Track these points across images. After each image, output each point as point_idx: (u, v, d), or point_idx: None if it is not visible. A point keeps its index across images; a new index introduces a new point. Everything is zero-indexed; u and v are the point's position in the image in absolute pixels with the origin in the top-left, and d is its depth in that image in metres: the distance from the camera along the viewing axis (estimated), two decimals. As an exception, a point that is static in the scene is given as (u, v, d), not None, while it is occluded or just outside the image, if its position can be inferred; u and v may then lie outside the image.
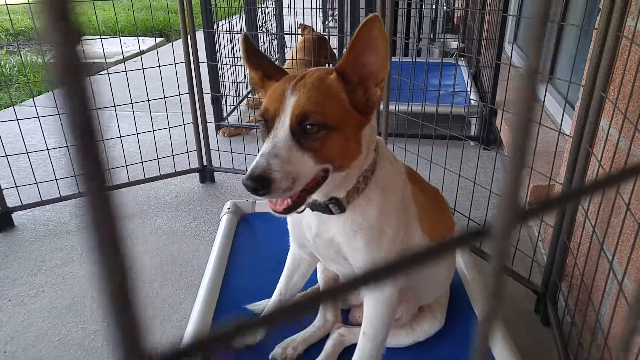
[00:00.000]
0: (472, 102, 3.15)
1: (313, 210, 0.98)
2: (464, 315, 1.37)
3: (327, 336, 1.29)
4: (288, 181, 0.81)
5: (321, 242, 1.02)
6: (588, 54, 1.50)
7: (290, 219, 1.09)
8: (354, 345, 1.12)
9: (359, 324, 1.10)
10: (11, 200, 2.21)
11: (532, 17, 0.19)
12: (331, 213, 0.96)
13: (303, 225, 1.04)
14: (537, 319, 1.64)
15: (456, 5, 5.37)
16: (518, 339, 1.33)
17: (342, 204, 0.95)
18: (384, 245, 0.98)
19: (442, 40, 4.74)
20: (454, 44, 4.77)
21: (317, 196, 0.94)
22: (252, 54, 0.96)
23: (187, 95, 2.44)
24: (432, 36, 4.87)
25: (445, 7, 5.65)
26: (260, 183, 0.79)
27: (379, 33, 0.81)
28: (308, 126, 0.83)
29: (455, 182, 2.11)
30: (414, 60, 2.95)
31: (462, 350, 1.26)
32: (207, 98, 2.67)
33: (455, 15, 6.09)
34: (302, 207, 0.99)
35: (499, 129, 2.85)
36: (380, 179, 0.98)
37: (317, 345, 1.27)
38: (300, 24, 3.45)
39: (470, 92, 3.18)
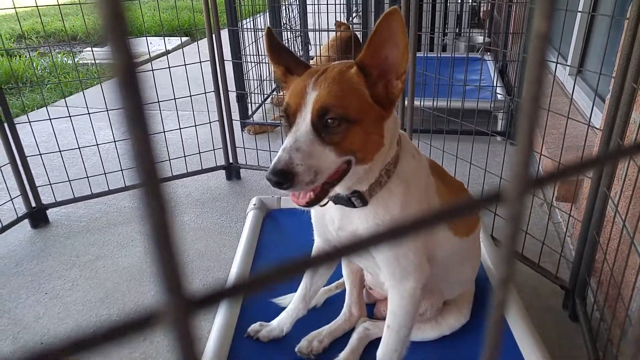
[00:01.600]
0: (499, 96, 3.10)
1: (336, 204, 1.00)
2: (489, 306, 1.36)
3: (352, 330, 1.30)
4: (310, 174, 0.82)
5: (344, 235, 1.03)
6: (619, 45, 1.46)
7: (314, 212, 1.11)
8: (379, 339, 1.13)
9: (384, 318, 1.11)
10: (46, 198, 2.30)
11: (562, 9, 0.20)
12: (354, 206, 0.97)
13: (326, 219, 1.06)
14: (564, 315, 1.61)
15: (482, -1, 5.28)
16: (546, 335, 1.31)
17: (365, 197, 0.96)
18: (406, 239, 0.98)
19: (467, 34, 4.67)
20: (479, 39, 4.70)
21: (340, 189, 0.95)
22: (276, 48, 0.98)
23: (213, 93, 2.48)
24: (457, 31, 4.80)
25: (471, 1, 5.57)
26: (283, 177, 0.80)
27: (399, 26, 0.81)
28: (329, 120, 0.84)
29: (482, 178, 2.09)
30: (439, 55, 2.92)
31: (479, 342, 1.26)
32: (233, 96, 2.71)
33: (482, 10, 5.99)
34: (325, 201, 1.01)
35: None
36: (403, 173, 0.98)
37: (342, 339, 1.28)
38: (337, 20, 3.46)
39: (496, 86, 3.13)
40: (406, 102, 2.21)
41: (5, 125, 2.07)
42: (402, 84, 0.88)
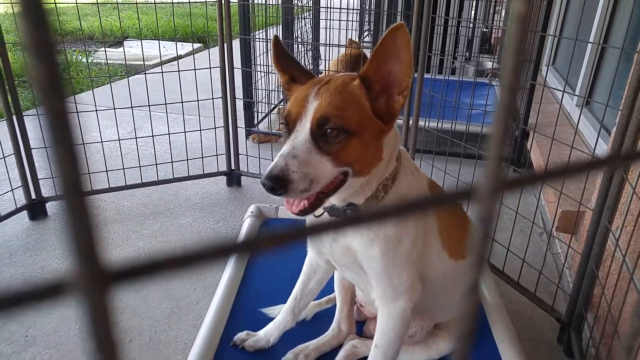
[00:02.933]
0: (505, 122, 3.10)
1: (330, 216, 0.99)
2: (482, 337, 1.33)
3: (340, 347, 1.28)
4: (305, 182, 0.82)
5: (338, 248, 1.02)
6: (629, 77, 1.46)
7: (308, 222, 1.10)
8: (365, 358, 1.11)
9: (373, 337, 1.09)
10: (47, 191, 2.31)
11: (572, 38, 0.20)
12: None
13: None
14: (559, 349, 1.58)
15: (495, 24, 5.32)
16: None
17: (360, 211, 0.95)
18: (400, 257, 0.97)
19: (477, 59, 4.70)
20: (489, 64, 4.72)
21: (336, 201, 0.95)
22: (282, 56, 0.99)
23: (220, 100, 2.49)
24: (467, 55, 4.83)
25: (484, 28, 5.61)
26: (277, 183, 0.80)
27: (404, 42, 0.81)
28: (328, 130, 0.84)
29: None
30: (447, 77, 2.93)
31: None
32: (240, 105, 2.72)
33: (493, 36, 6.03)
34: (320, 211, 1.00)
35: (529, 150, 2.79)
36: (401, 189, 0.97)
37: (329, 355, 1.26)
38: (349, 38, 3.49)
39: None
40: (410, 122, 2.21)
41: (14, 117, 2.09)
42: (403, 99, 0.88)
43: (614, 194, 1.32)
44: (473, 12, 5.00)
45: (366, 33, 6.23)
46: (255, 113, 3.29)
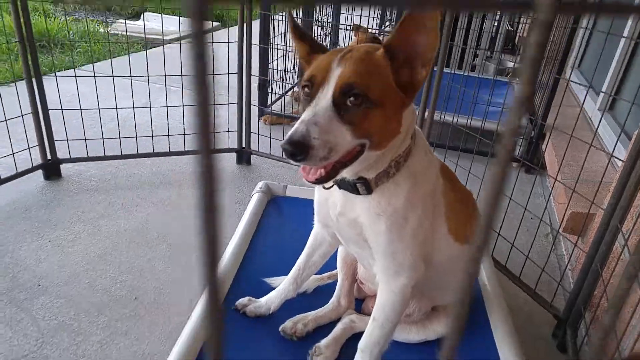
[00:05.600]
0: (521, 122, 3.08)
1: (340, 189, 1.00)
2: (479, 323, 1.35)
3: (338, 320, 1.30)
4: (325, 150, 0.82)
5: (344, 221, 1.03)
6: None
7: (317, 196, 1.11)
8: (362, 333, 1.12)
9: (371, 314, 1.11)
10: (61, 153, 2.35)
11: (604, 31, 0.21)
12: (358, 193, 0.97)
13: (329, 203, 1.06)
14: (553, 345, 1.59)
15: (521, 22, 5.24)
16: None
17: (370, 186, 0.96)
18: (406, 234, 0.98)
19: (498, 57, 4.65)
20: (510, 64, 4.67)
21: (347, 174, 0.96)
22: (298, 28, 0.99)
23: (236, 78, 2.51)
24: (489, 53, 4.78)
25: (509, 26, 5.53)
26: (298, 148, 0.80)
27: (432, 14, 0.81)
28: (351, 98, 0.84)
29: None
30: (467, 73, 2.91)
31: (471, 358, 1.25)
32: (254, 85, 2.74)
33: (518, 35, 5.95)
34: (330, 184, 1.01)
35: (544, 151, 2.77)
36: (412, 167, 0.98)
37: (327, 327, 1.28)
38: (354, 24, 3.47)
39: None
40: (426, 114, 2.21)
41: (33, 79, 2.13)
42: (426, 72, 0.88)
43: (628, 195, 1.32)
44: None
45: (387, 24, 6.18)
46: (270, 94, 3.30)
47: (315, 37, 3.72)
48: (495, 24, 4.83)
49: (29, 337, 1.43)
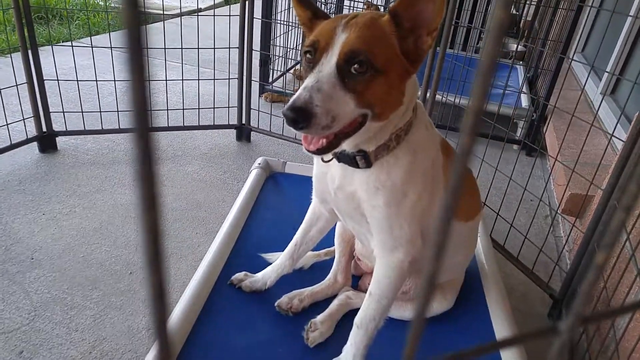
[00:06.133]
0: (523, 104, 3.06)
1: (339, 162, 0.98)
2: (475, 302, 1.35)
3: (334, 297, 1.30)
4: (328, 119, 0.80)
5: (342, 195, 1.02)
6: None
7: (316, 169, 1.10)
8: (358, 310, 1.12)
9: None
10: (57, 126, 2.32)
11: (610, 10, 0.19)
12: (357, 166, 0.96)
13: (327, 177, 1.05)
14: (548, 323, 1.60)
15: (528, 5, 5.16)
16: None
17: (370, 159, 0.95)
18: (404, 208, 0.97)
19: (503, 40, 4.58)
20: (513, 46, 4.61)
21: (347, 146, 0.94)
22: None
23: (237, 53, 2.46)
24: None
25: (514, 10, 5.45)
26: (301, 115, 0.78)
27: None
28: (355, 65, 0.82)
29: (489, 180, 2.06)
30: (470, 55, 2.87)
31: (466, 336, 1.25)
32: (256, 62, 2.69)
33: (523, 20, 5.86)
34: (330, 157, 0.99)
35: (544, 133, 2.75)
36: (413, 141, 0.96)
37: (323, 303, 1.28)
38: (367, 0, 3.41)
39: (522, 93, 3.07)
40: (427, 94, 2.18)
41: (29, 50, 2.08)
42: (432, 40, 0.85)
43: (627, 174, 1.30)
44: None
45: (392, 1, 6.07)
46: (272, 71, 3.25)
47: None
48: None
49: (21, 310, 1.42)
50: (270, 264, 1.33)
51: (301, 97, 0.79)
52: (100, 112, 2.33)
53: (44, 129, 2.26)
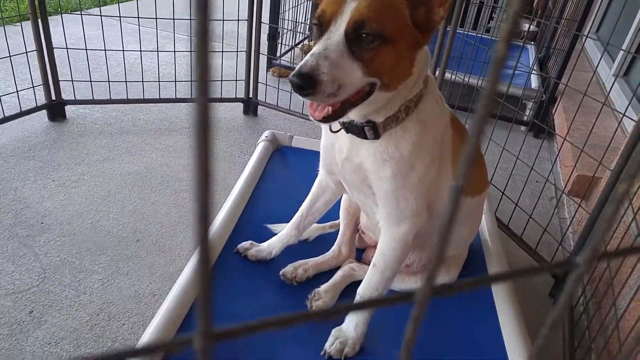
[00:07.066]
0: (533, 84, 3.02)
1: (347, 132, 0.98)
2: (477, 276, 1.36)
3: (338, 268, 1.31)
4: (334, 87, 0.80)
5: (350, 166, 1.02)
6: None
7: (324, 139, 1.10)
8: (361, 281, 1.13)
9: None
10: (66, 95, 2.32)
11: None
12: (365, 137, 0.96)
13: (335, 149, 1.05)
14: (549, 303, 1.62)
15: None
16: (526, 317, 1.31)
17: (378, 130, 0.95)
18: (411, 181, 0.97)
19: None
20: (526, 26, 4.52)
21: (355, 116, 0.94)
22: None
23: (245, 26, 2.43)
24: (505, 15, 4.62)
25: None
26: (306, 81, 0.78)
27: None
28: (363, 34, 0.82)
29: (496, 160, 2.05)
30: (481, 34, 2.82)
31: (467, 313, 1.27)
32: (265, 32, 2.66)
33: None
34: (338, 127, 0.99)
35: (553, 114, 2.72)
36: (422, 114, 0.96)
37: (327, 274, 1.30)
38: None
39: (532, 73, 3.03)
40: (437, 71, 2.16)
41: (39, 20, 2.07)
42: (444, 11, 0.84)
43: (638, 156, 1.29)
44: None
45: None
46: (280, 45, 3.22)
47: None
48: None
49: (31, 272, 1.46)
50: (276, 234, 1.34)
51: (308, 64, 0.80)
52: (109, 81, 2.33)
53: (53, 97, 2.27)
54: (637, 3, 2.80)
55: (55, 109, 2.28)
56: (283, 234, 1.30)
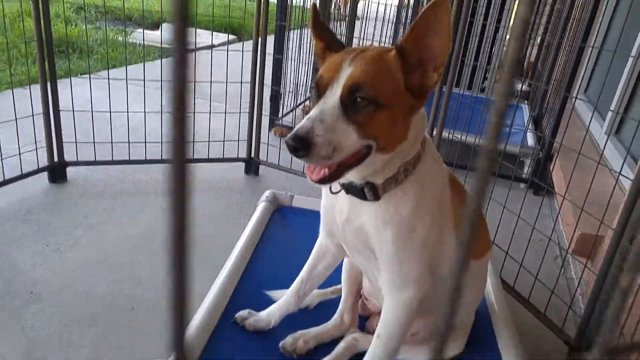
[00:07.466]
0: (529, 142, 3.07)
1: (347, 193, 0.98)
2: (486, 346, 1.30)
3: (340, 338, 1.26)
4: (329, 149, 0.81)
5: (350, 229, 1.01)
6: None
7: (324, 201, 1.09)
8: (365, 353, 1.08)
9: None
10: (69, 156, 2.35)
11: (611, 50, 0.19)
12: (365, 198, 0.95)
13: (335, 209, 1.04)
14: (563, 372, 1.54)
15: (531, 46, 5.29)
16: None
17: (378, 192, 0.94)
18: (413, 244, 0.95)
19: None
20: (518, 86, 4.67)
21: (354, 177, 0.94)
22: (319, 23, 0.98)
23: (248, 87, 2.50)
24: (498, 76, 4.80)
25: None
26: (301, 143, 0.79)
27: (445, 17, 0.81)
28: (358, 99, 0.84)
29: (497, 219, 2.03)
30: (476, 94, 2.91)
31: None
32: (267, 94, 2.74)
33: (527, 60, 5.97)
34: (338, 188, 0.99)
35: (551, 171, 2.74)
36: (421, 175, 0.96)
37: (328, 345, 1.24)
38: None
39: (528, 131, 3.09)
40: (434, 131, 2.20)
41: (48, 83, 2.14)
42: (438, 76, 0.87)
43: (638, 213, 1.28)
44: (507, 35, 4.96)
45: (402, 32, 6.18)
46: (282, 106, 3.30)
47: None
48: (504, 48, 4.86)
49: (15, 348, 1.38)
50: (275, 301, 1.30)
51: (303, 127, 0.81)
52: (112, 143, 2.36)
53: (56, 159, 2.29)
54: (622, 63, 2.90)
55: (57, 171, 2.30)
56: (282, 301, 1.25)
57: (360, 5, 4.09)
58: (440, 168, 1.02)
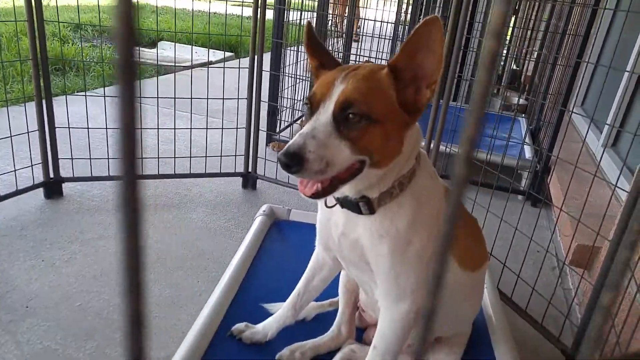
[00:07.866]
0: (527, 155, 3.09)
1: (343, 207, 0.98)
2: (483, 354, 1.29)
3: (337, 350, 1.25)
4: (321, 164, 0.82)
5: (346, 242, 1.01)
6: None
7: (320, 215, 1.09)
8: (362, 364, 1.08)
9: (372, 344, 1.06)
10: (65, 172, 2.35)
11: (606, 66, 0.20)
12: (360, 213, 0.95)
13: (331, 223, 1.04)
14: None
15: (528, 61, 5.36)
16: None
17: (373, 206, 0.94)
18: (409, 257, 0.95)
19: (504, 94, 4.72)
20: (515, 99, 4.72)
21: (349, 192, 0.94)
22: (314, 42, 1.00)
23: (245, 103, 2.52)
24: (495, 90, 4.85)
25: (514, 66, 5.65)
26: (293, 160, 0.80)
27: (438, 35, 0.82)
28: (350, 115, 0.84)
29: (495, 231, 2.04)
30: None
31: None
32: (264, 112, 2.75)
33: (524, 74, 6.05)
34: (333, 202, 0.99)
35: (549, 184, 2.75)
36: (416, 189, 0.96)
37: (325, 357, 1.24)
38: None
39: (525, 144, 3.11)
40: (431, 145, 2.21)
41: (44, 101, 2.15)
42: (431, 93, 0.87)
43: (634, 224, 1.29)
44: (505, 50, 5.04)
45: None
46: (279, 121, 3.32)
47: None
48: (502, 63, 4.93)
49: (10, 362, 1.37)
50: (272, 314, 1.29)
51: (295, 143, 0.82)
52: (108, 158, 2.37)
53: (51, 175, 2.29)
54: (617, 77, 2.94)
55: (53, 187, 2.30)
56: (279, 314, 1.25)
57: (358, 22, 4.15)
58: (436, 183, 1.03)
